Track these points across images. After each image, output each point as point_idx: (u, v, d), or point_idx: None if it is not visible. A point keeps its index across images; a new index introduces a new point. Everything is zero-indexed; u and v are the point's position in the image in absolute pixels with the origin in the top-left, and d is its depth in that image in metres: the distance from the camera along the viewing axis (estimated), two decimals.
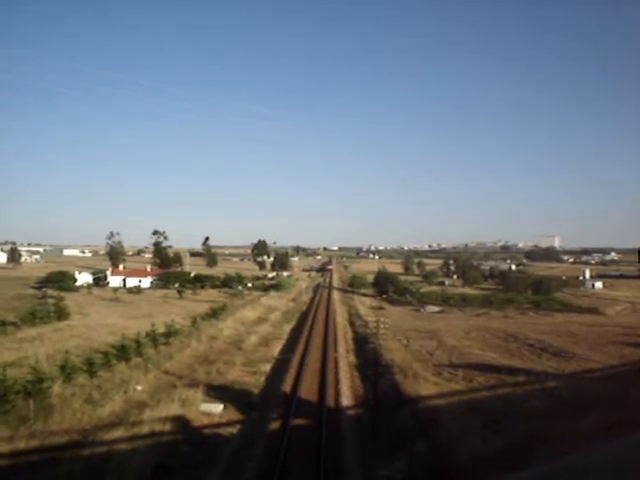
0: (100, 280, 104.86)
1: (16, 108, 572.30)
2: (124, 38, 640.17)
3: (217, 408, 22.26)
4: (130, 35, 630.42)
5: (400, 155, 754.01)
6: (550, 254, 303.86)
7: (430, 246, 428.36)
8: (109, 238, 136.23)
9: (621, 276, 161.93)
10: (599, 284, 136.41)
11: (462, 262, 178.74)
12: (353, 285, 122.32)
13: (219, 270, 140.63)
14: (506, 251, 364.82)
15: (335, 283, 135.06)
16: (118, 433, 17.38)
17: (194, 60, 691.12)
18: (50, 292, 74.06)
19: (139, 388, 24.76)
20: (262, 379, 29.18)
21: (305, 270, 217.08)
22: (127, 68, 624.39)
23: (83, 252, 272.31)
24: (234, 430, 20.21)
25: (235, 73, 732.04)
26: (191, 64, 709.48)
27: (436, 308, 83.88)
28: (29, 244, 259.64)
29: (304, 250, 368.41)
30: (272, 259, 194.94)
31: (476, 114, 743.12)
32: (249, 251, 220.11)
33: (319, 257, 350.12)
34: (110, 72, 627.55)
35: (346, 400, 24.73)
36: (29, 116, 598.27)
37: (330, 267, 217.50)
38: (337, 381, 28.07)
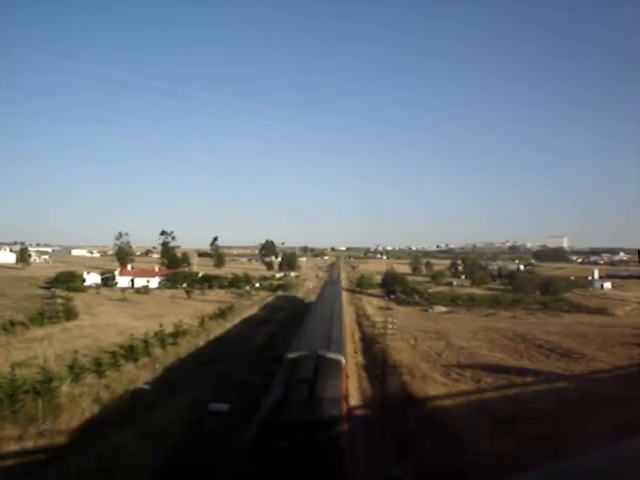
0: (108, 280, 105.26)
1: (22, 108, 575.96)
2: (132, 38, 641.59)
3: (223, 407, 22.29)
4: (138, 35, 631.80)
5: (408, 155, 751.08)
6: (558, 254, 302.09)
7: (438, 246, 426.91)
8: (117, 238, 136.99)
9: (630, 276, 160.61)
10: (608, 284, 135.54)
11: (470, 262, 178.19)
12: (361, 285, 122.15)
13: (227, 270, 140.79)
14: (514, 251, 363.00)
15: (343, 283, 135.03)
16: (126, 432, 17.43)
17: (203, 60, 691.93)
18: (59, 292, 74.30)
19: (147, 388, 24.84)
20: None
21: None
22: (135, 68, 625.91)
23: (91, 252, 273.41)
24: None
25: (244, 73, 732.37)
26: (200, 64, 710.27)
27: (444, 308, 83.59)
28: (38, 244, 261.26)
29: (312, 250, 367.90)
30: (280, 259, 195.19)
31: (483, 113, 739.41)
32: (257, 251, 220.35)
33: (327, 257, 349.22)
34: (118, 72, 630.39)
35: (354, 400, 24.64)
36: (33, 115, 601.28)
37: None
38: None
